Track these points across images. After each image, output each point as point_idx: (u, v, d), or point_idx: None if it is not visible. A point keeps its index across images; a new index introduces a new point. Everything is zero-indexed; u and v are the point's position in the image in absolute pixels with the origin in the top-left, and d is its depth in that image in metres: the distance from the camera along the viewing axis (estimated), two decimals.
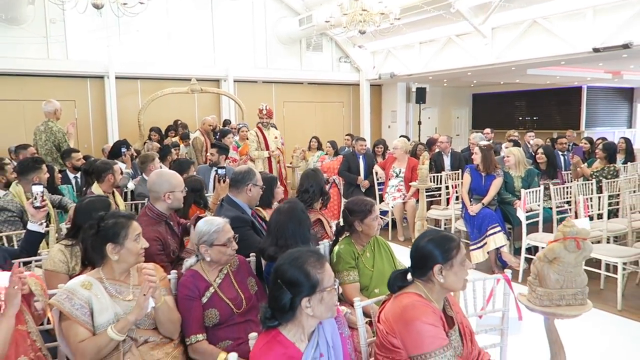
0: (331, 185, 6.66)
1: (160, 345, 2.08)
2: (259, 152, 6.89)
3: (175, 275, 2.36)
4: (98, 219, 2.05)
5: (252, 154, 6.89)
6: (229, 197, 3.11)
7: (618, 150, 7.98)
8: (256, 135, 6.94)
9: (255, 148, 6.89)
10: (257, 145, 6.90)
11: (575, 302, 2.22)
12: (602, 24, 7.64)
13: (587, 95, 14.22)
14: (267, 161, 6.96)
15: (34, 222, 2.75)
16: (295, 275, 1.68)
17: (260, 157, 6.89)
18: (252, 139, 6.95)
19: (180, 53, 10.07)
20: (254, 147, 6.89)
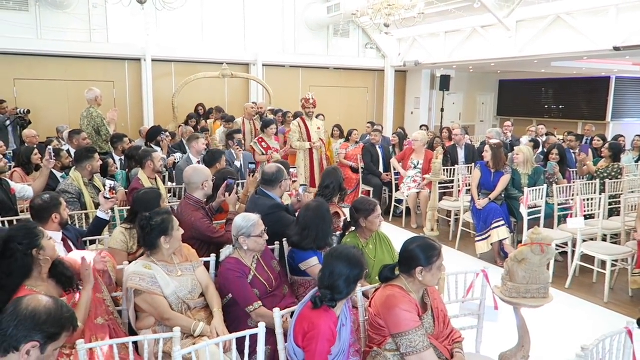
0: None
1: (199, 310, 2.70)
2: (301, 143, 6.89)
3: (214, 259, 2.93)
4: (147, 219, 2.58)
5: (294, 144, 6.91)
6: (263, 190, 3.63)
7: (633, 148, 8.20)
8: (298, 126, 6.95)
9: (297, 139, 6.90)
10: (299, 136, 6.90)
11: (538, 295, 2.66)
12: (625, 22, 7.76)
13: (615, 86, 14.09)
14: (309, 152, 6.96)
15: (102, 211, 3.34)
16: (359, 272, 2.25)
17: (302, 148, 6.90)
18: (294, 129, 6.95)
19: (213, 38, 10.56)
20: (295, 138, 6.90)
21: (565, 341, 3.76)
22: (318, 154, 7.00)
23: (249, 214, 2.90)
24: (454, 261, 5.50)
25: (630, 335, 2.18)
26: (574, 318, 4.27)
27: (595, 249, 4.74)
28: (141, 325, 2.53)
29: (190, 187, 3.52)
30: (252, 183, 3.97)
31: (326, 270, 2.24)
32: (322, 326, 2.13)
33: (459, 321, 2.92)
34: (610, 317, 4.31)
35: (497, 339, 3.09)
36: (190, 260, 2.76)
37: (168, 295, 2.52)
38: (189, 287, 2.62)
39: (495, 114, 16.32)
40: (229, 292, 2.74)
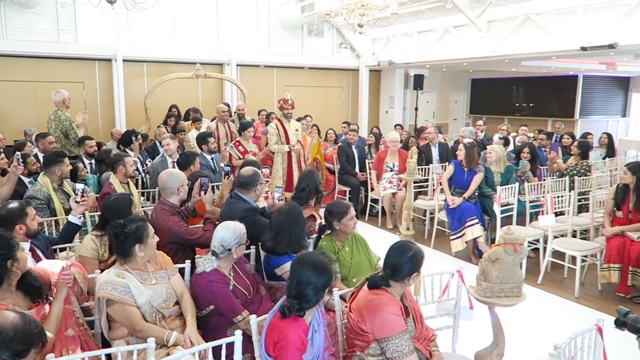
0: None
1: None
2: (279, 146, 6.57)
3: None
4: (122, 227, 2.52)
5: (272, 147, 6.60)
6: (237, 194, 3.59)
7: (600, 145, 8.43)
8: (276, 128, 6.63)
9: (275, 142, 6.58)
10: (277, 138, 6.59)
11: (512, 294, 2.71)
12: (591, 23, 7.96)
13: (583, 84, 14.45)
14: (287, 155, 6.66)
15: (74, 215, 3.25)
16: (327, 280, 2.23)
17: (280, 151, 6.60)
18: (272, 131, 6.62)
19: (185, 37, 10.41)
20: (273, 141, 6.58)
21: (539, 337, 3.84)
22: (296, 157, 6.73)
23: (235, 223, 2.84)
24: (429, 260, 5.50)
25: (600, 332, 2.23)
26: (546, 314, 4.36)
27: (565, 245, 4.86)
28: (114, 335, 2.48)
29: (165, 192, 3.45)
30: (227, 185, 3.93)
31: (293, 279, 2.21)
32: (291, 335, 2.11)
33: (435, 321, 2.95)
34: (581, 311, 4.43)
35: (473, 338, 3.13)
36: (165, 268, 2.71)
37: (141, 305, 2.46)
38: (164, 295, 2.57)
39: (468, 112, 16.57)
40: (212, 303, 2.69)
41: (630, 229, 4.56)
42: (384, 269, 2.43)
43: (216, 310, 2.71)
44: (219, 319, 2.74)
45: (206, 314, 2.74)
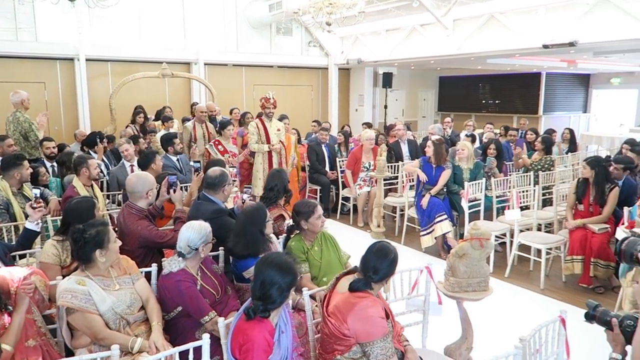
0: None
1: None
2: (259, 146, 6.39)
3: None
4: (81, 231, 2.43)
5: (252, 147, 6.44)
6: (205, 195, 3.53)
7: (563, 140, 8.68)
8: (257, 127, 6.44)
9: (255, 141, 6.41)
10: (257, 137, 6.41)
11: (479, 289, 2.76)
12: (553, 21, 8.17)
13: (546, 81, 14.87)
14: (268, 156, 6.49)
15: (31, 222, 3.13)
16: (291, 280, 2.20)
17: (261, 150, 6.42)
18: (252, 130, 6.43)
19: (151, 36, 10.20)
20: (253, 140, 6.40)
21: (507, 330, 3.91)
22: (277, 157, 6.52)
23: (200, 222, 2.79)
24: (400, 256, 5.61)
25: (564, 323, 2.29)
26: (513, 306, 4.46)
27: (531, 239, 4.98)
28: (77, 344, 2.39)
29: (133, 196, 3.37)
30: (197, 182, 3.86)
31: (257, 280, 2.18)
32: (256, 337, 2.09)
33: (405, 317, 2.98)
34: (547, 303, 4.55)
35: (442, 333, 3.17)
36: (129, 273, 2.63)
37: (104, 312, 2.39)
38: (127, 301, 2.49)
39: (437, 109, 16.82)
40: (180, 304, 2.64)
41: (591, 222, 4.70)
42: (363, 272, 2.39)
43: (184, 312, 2.66)
44: (187, 321, 2.69)
45: (174, 317, 2.69)
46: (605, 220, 4.71)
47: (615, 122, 14.84)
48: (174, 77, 9.82)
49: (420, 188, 5.91)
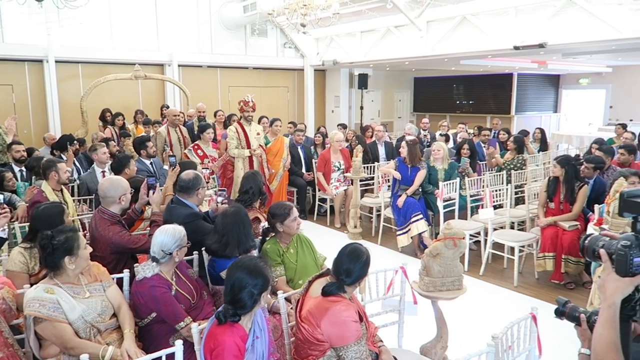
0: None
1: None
2: (239, 151, 6.21)
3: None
4: (49, 238, 2.36)
5: (232, 152, 6.24)
6: (179, 198, 3.48)
7: (534, 140, 8.86)
8: (236, 132, 6.24)
9: (235, 146, 6.21)
10: (237, 142, 6.22)
11: (453, 288, 2.79)
12: (523, 23, 8.34)
13: (518, 82, 15.17)
14: (248, 160, 6.32)
15: None
16: (262, 283, 2.16)
17: (241, 155, 6.24)
18: (231, 135, 6.23)
19: (123, 37, 10.03)
20: (233, 145, 6.20)
21: (482, 327, 3.96)
22: (258, 162, 6.38)
23: (174, 226, 2.75)
24: (376, 256, 5.62)
25: (535, 319, 2.33)
26: (488, 304, 4.52)
27: (504, 237, 5.07)
28: (45, 354, 2.33)
29: (105, 201, 3.28)
30: (172, 177, 3.80)
31: (228, 284, 2.16)
32: (227, 342, 2.06)
33: (381, 318, 2.99)
34: (520, 299, 4.62)
35: (418, 332, 3.20)
36: (101, 280, 2.57)
37: (73, 321, 2.33)
38: (98, 309, 2.44)
39: (412, 110, 16.98)
40: (154, 310, 2.59)
41: (561, 219, 4.81)
42: (336, 275, 2.38)
43: (158, 318, 2.61)
44: (161, 327, 2.64)
45: (148, 323, 2.64)
46: (575, 217, 4.82)
47: (584, 121, 15.24)
48: (147, 79, 9.68)
49: (396, 188, 5.95)
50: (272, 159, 6.79)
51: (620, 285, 1.37)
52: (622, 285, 1.36)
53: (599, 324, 1.39)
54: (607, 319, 1.36)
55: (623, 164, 5.74)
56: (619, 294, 1.36)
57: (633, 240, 1.37)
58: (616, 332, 1.35)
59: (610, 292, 1.38)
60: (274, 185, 6.73)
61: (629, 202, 1.42)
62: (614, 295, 1.37)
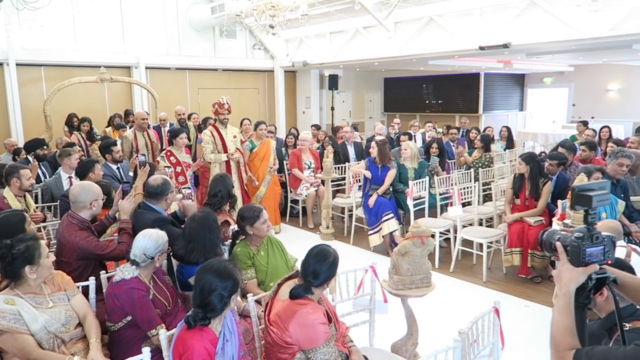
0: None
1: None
2: (216, 156, 5.95)
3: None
4: (8, 247, 2.30)
5: (208, 157, 5.97)
6: (147, 204, 3.43)
7: (500, 138, 9.06)
8: (211, 135, 5.98)
9: (211, 150, 5.97)
10: (212, 147, 5.97)
11: (422, 285, 2.83)
12: (487, 24, 8.52)
13: (484, 81, 15.50)
14: (226, 165, 6.06)
15: None
16: (231, 286, 2.15)
17: (217, 161, 5.99)
18: (206, 139, 5.98)
19: (87, 39, 9.81)
20: (209, 150, 5.96)
21: (452, 323, 4.01)
22: (236, 167, 6.15)
23: (156, 230, 2.74)
24: (349, 256, 5.68)
25: (497, 313, 2.39)
26: (458, 300, 4.61)
27: (472, 234, 5.17)
28: None
29: (75, 206, 3.22)
30: (142, 176, 3.73)
31: (197, 288, 2.14)
32: (195, 347, 2.04)
33: (352, 317, 3.01)
34: (489, 294, 4.72)
35: (389, 330, 3.22)
36: (65, 289, 2.51)
37: (36, 332, 2.27)
38: (62, 319, 2.38)
39: (383, 110, 17.15)
40: (129, 313, 2.56)
41: (527, 215, 4.93)
42: (303, 276, 2.38)
43: (132, 322, 2.58)
44: (134, 332, 2.61)
45: (120, 328, 2.60)
46: (539, 213, 4.96)
47: (548, 119, 15.67)
48: (114, 82, 9.49)
49: (367, 188, 6.00)
50: (259, 164, 6.58)
51: (574, 275, 1.45)
52: (576, 275, 1.45)
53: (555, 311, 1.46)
54: (563, 306, 1.45)
55: (584, 160, 5.93)
56: (574, 283, 1.45)
57: (585, 232, 1.44)
58: (571, 318, 1.43)
59: (566, 281, 1.46)
60: (262, 191, 6.55)
61: (579, 196, 1.48)
62: (569, 284, 1.45)
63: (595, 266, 1.45)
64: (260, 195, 6.55)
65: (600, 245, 1.44)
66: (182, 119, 8.31)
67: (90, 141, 7.55)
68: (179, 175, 5.73)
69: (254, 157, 6.56)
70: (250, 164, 6.56)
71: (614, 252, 1.47)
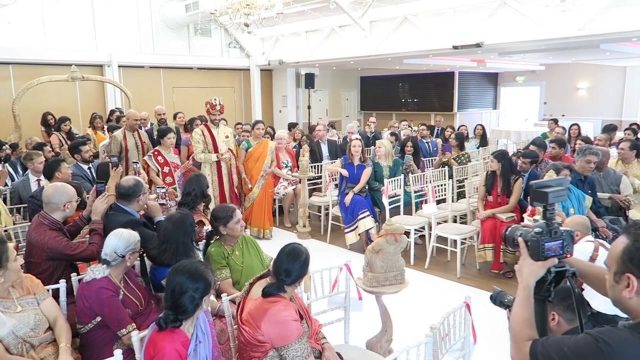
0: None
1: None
2: (206, 156, 5.87)
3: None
4: None
5: (198, 157, 5.89)
6: (118, 205, 3.38)
7: (475, 135, 9.21)
8: (202, 135, 5.88)
9: (202, 150, 5.87)
10: (203, 146, 5.88)
11: (396, 282, 2.87)
12: (461, 23, 8.65)
13: (459, 80, 15.72)
14: (216, 166, 5.98)
15: None
16: (203, 287, 2.13)
17: (208, 161, 5.89)
18: (197, 138, 5.89)
19: (58, 37, 9.57)
20: (199, 150, 5.86)
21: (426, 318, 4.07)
22: (227, 167, 6.04)
23: (127, 230, 2.72)
24: (325, 254, 5.72)
25: (468, 308, 2.44)
26: (432, 295, 4.67)
27: (447, 230, 5.25)
28: None
29: (48, 207, 3.16)
30: (115, 178, 3.68)
31: (168, 289, 2.13)
32: (166, 349, 2.03)
33: (327, 315, 3.03)
34: (463, 290, 4.78)
35: (364, 328, 3.25)
36: (34, 293, 2.46)
37: (3, 337, 2.22)
38: (31, 323, 2.33)
39: (359, 108, 17.24)
40: (98, 314, 2.54)
41: (499, 211, 5.03)
42: (276, 275, 2.39)
43: (102, 323, 2.56)
44: (105, 333, 2.58)
45: (91, 329, 2.58)
46: (511, 209, 5.06)
47: (521, 117, 16.00)
48: (85, 81, 9.30)
49: (343, 187, 6.03)
50: (253, 165, 6.44)
51: (534, 269, 1.50)
52: (536, 269, 1.50)
53: (515, 303, 1.51)
54: (523, 299, 1.50)
55: (554, 157, 6.08)
56: (533, 276, 1.50)
57: (544, 228, 1.50)
58: (530, 311, 1.49)
59: (526, 275, 1.51)
60: (255, 192, 6.42)
61: (537, 193, 1.53)
62: (529, 277, 1.50)
63: (554, 260, 1.50)
64: (253, 197, 6.42)
65: (559, 239, 1.49)
66: (163, 118, 8.14)
67: (71, 141, 7.34)
68: (166, 176, 5.61)
69: (248, 157, 6.44)
70: (245, 165, 6.46)
71: (572, 246, 1.52)
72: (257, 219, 6.44)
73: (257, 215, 6.43)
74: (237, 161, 6.35)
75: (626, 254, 1.33)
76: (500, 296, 1.84)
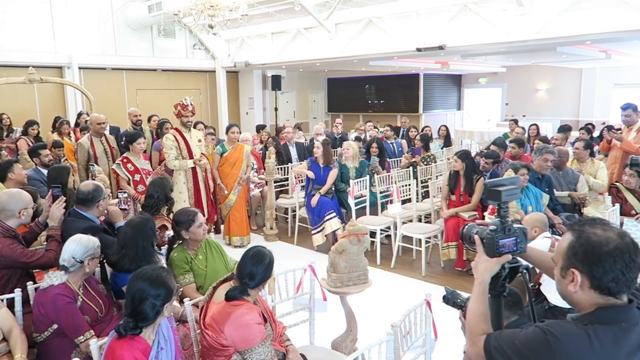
0: None
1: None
2: (181, 162, 5.40)
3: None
4: None
5: (171, 164, 5.41)
6: (77, 210, 3.29)
7: (439, 136, 9.38)
8: (175, 140, 5.43)
9: (175, 157, 5.40)
10: (177, 153, 5.42)
11: (359, 282, 2.90)
12: (424, 26, 8.80)
13: (424, 81, 16.00)
14: (192, 172, 5.56)
15: None
16: (165, 294, 2.10)
17: (183, 167, 5.45)
18: (169, 144, 5.41)
19: (14, 38, 9.26)
20: (172, 156, 5.37)
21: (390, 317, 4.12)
22: (202, 173, 5.67)
23: (87, 236, 2.67)
24: (293, 256, 5.72)
25: (429, 305, 2.49)
26: (397, 294, 4.73)
27: (411, 230, 5.33)
28: None
29: (3, 215, 3.04)
30: (58, 209, 3.56)
31: (128, 296, 2.09)
32: (125, 356, 1.99)
33: (292, 317, 3.03)
34: (428, 288, 4.85)
35: (329, 328, 3.27)
36: None
37: None
38: None
39: (327, 110, 17.31)
40: (54, 321, 2.48)
41: (462, 210, 5.15)
42: (239, 278, 2.37)
43: (59, 331, 2.51)
44: (62, 341, 2.53)
45: (47, 337, 2.52)
46: (473, 207, 5.18)
47: (484, 117, 16.40)
48: (44, 83, 9.01)
49: (309, 188, 6.04)
50: (229, 170, 6.07)
51: (489, 265, 1.55)
52: (491, 265, 1.55)
53: (471, 299, 1.56)
54: (478, 294, 1.55)
55: (514, 156, 6.26)
56: (488, 272, 1.55)
57: (499, 225, 1.55)
58: (485, 306, 1.54)
59: (481, 271, 1.56)
60: (232, 199, 6.06)
61: (491, 192, 1.58)
62: (484, 273, 1.55)
63: (508, 256, 1.55)
64: (230, 204, 6.09)
65: (513, 236, 1.54)
66: (139, 120, 7.78)
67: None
68: (138, 184, 5.31)
69: (224, 162, 6.07)
70: (220, 170, 6.09)
71: (525, 243, 1.58)
72: (238, 228, 6.10)
73: (238, 224, 6.11)
74: (212, 166, 6.06)
75: (570, 250, 1.39)
76: (452, 296, 1.89)
